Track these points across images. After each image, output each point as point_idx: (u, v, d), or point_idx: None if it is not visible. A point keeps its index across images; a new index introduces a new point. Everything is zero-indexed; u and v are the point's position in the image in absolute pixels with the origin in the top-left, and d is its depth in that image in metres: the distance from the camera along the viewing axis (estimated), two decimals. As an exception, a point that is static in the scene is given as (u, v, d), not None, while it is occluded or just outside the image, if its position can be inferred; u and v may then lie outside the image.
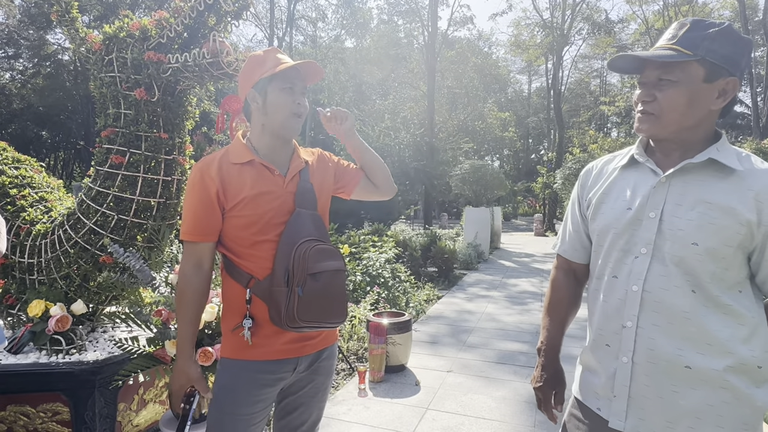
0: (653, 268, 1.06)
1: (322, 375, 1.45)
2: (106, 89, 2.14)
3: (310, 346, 1.39)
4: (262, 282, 1.30)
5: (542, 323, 1.36)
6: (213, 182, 1.29)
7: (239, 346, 1.32)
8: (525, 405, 3.26)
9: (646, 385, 1.07)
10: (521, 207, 36.24)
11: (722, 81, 1.05)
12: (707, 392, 1.02)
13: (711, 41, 1.03)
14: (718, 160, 1.05)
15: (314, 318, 1.27)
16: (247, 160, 1.34)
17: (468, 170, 14.23)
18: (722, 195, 1.03)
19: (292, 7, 27.46)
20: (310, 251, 1.27)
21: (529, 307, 6.42)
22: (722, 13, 27.81)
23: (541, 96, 39.48)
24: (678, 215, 1.05)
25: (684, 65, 1.04)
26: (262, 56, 1.36)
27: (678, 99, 1.05)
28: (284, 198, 1.34)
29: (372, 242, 7.02)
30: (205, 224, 1.31)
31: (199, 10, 1.96)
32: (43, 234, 2.29)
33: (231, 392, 1.32)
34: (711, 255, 1.01)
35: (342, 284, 1.37)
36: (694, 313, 1.02)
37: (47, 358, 2.06)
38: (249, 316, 1.30)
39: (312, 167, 1.45)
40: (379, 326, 3.67)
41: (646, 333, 1.06)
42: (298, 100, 1.35)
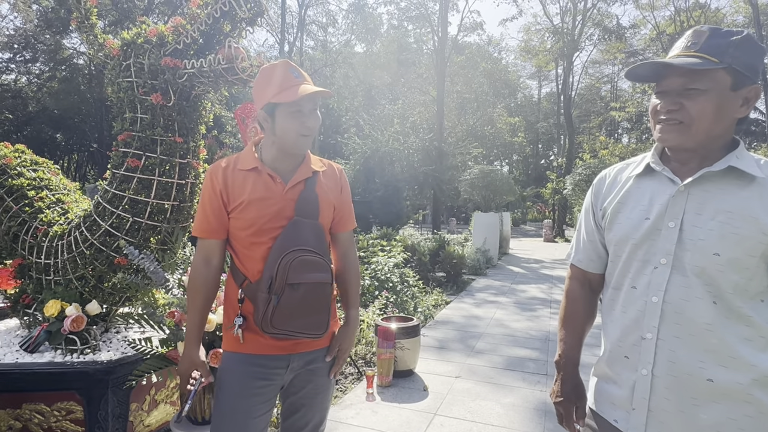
0: (673, 278, 1.04)
1: (321, 376, 1.48)
2: (123, 94, 2.18)
3: (303, 344, 1.42)
4: (252, 284, 1.37)
5: (559, 335, 1.32)
6: (218, 184, 1.40)
7: (234, 340, 1.40)
8: (534, 412, 3.23)
9: (666, 399, 1.05)
10: (530, 213, 36.04)
11: (746, 89, 1.04)
12: (729, 406, 1.00)
13: (736, 48, 1.01)
14: (738, 168, 1.02)
15: (288, 327, 1.31)
16: (252, 167, 1.41)
17: (477, 175, 14.21)
18: (744, 203, 1.00)
19: (303, 12, 27.72)
20: (294, 261, 1.30)
21: (538, 313, 6.37)
22: (735, 18, 27.54)
23: (551, 101, 39.34)
24: (698, 225, 1.03)
25: (712, 73, 1.02)
26: (271, 72, 1.39)
27: (708, 107, 1.02)
28: (283, 205, 1.38)
29: (380, 247, 7.03)
30: (212, 222, 1.40)
31: (215, 17, 1.99)
32: (60, 235, 2.34)
33: (226, 383, 1.40)
34: (733, 265, 0.99)
35: (325, 297, 1.37)
36: (716, 324, 1.00)
37: (62, 357, 2.10)
38: (240, 315, 1.38)
39: (320, 177, 1.48)
40: (388, 331, 3.68)
41: (666, 345, 1.04)
42: (307, 122, 1.37)
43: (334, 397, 3.40)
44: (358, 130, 17.58)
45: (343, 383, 3.67)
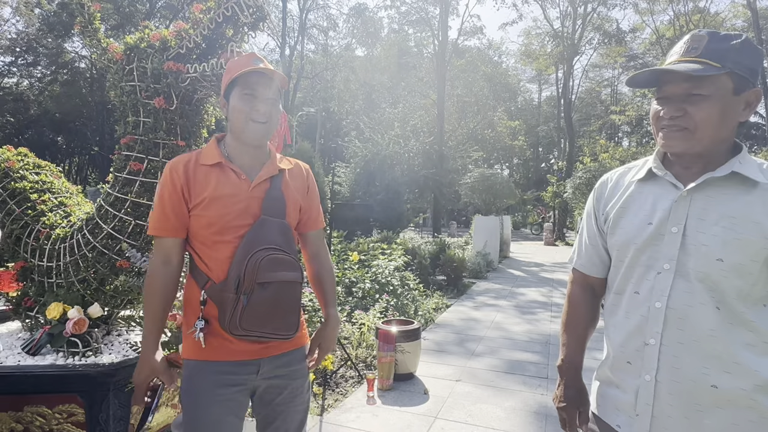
0: (677, 284, 1.04)
1: (297, 379, 1.44)
2: (126, 98, 2.19)
3: (272, 347, 1.36)
4: (217, 285, 1.30)
5: (561, 340, 1.31)
6: (179, 179, 1.33)
7: (196, 346, 1.32)
8: (534, 416, 3.23)
9: (670, 405, 1.05)
10: (531, 216, 36.04)
11: (747, 93, 1.04)
12: (733, 412, 1.00)
13: (737, 53, 1.01)
14: (741, 173, 1.02)
15: (257, 328, 1.26)
16: (215, 162, 1.36)
17: (477, 179, 14.23)
18: (747, 209, 1.00)
19: (303, 16, 27.84)
20: (263, 260, 1.25)
21: (539, 316, 6.37)
22: (734, 22, 27.62)
23: (551, 105, 39.40)
24: (702, 230, 1.02)
25: (714, 78, 1.01)
26: (235, 62, 1.38)
27: (712, 113, 1.02)
28: (248, 202, 1.34)
29: (381, 250, 7.03)
30: (172, 219, 1.34)
31: (217, 21, 2.01)
32: (62, 238, 2.35)
33: (193, 393, 1.33)
34: (737, 271, 0.99)
35: (295, 297, 1.33)
36: (720, 330, 1.00)
37: (64, 360, 2.10)
38: (202, 318, 1.30)
39: (286, 176, 1.44)
40: (388, 334, 3.68)
41: (670, 351, 1.04)
42: (257, 106, 1.33)
43: (335, 401, 3.40)
44: (359, 134, 17.61)
45: (344, 386, 3.67)
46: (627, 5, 27.03)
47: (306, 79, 30.91)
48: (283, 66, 27.20)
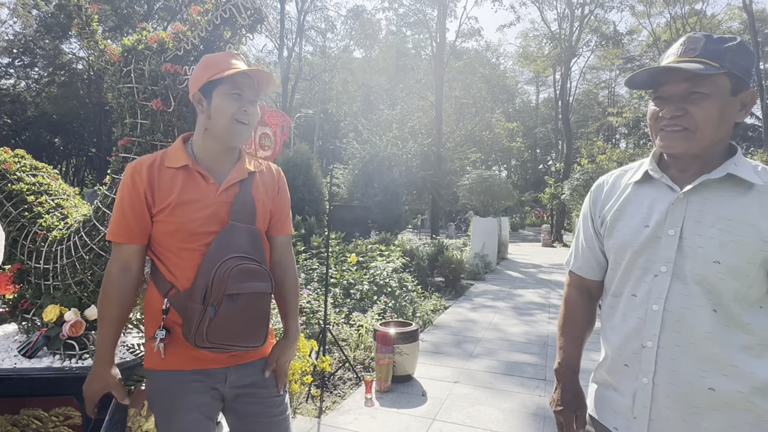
0: (674, 286, 1.04)
1: (271, 387, 1.39)
2: (123, 100, 2.19)
3: (239, 356, 1.32)
4: (181, 294, 1.25)
5: (558, 343, 1.31)
6: (142, 183, 1.26)
7: (160, 356, 1.27)
8: (532, 417, 3.23)
9: (667, 407, 1.05)
10: (529, 217, 36.10)
11: (744, 94, 1.04)
12: (731, 414, 1.00)
13: (734, 54, 1.01)
14: (737, 175, 1.02)
15: (224, 340, 1.21)
16: (181, 164, 1.29)
17: (475, 180, 14.24)
18: (743, 211, 1.00)
19: (301, 18, 27.87)
20: (232, 270, 1.20)
21: (536, 318, 6.38)
22: (730, 25, 27.78)
23: (548, 106, 39.52)
24: (698, 233, 1.03)
25: (714, 78, 1.02)
26: (214, 58, 1.33)
27: (712, 112, 1.02)
28: (215, 208, 1.28)
29: (379, 251, 7.03)
30: (133, 225, 1.27)
31: (215, 23, 2.01)
32: (59, 240, 2.34)
33: (163, 403, 1.29)
34: (734, 273, 0.99)
35: (264, 307, 1.28)
36: (716, 333, 1.00)
37: (61, 362, 2.09)
38: (163, 327, 1.24)
39: (257, 179, 1.38)
40: (386, 336, 3.68)
41: (667, 353, 1.04)
42: (244, 107, 1.29)
43: (333, 403, 3.39)
44: (357, 135, 17.62)
45: (342, 388, 3.67)
46: (624, 8, 27.14)
47: (304, 81, 30.92)
48: (281, 68, 27.21)
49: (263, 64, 1.96)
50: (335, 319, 4.87)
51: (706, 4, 27.28)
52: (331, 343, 4.28)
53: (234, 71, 1.27)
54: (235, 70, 1.27)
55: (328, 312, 4.59)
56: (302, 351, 2.86)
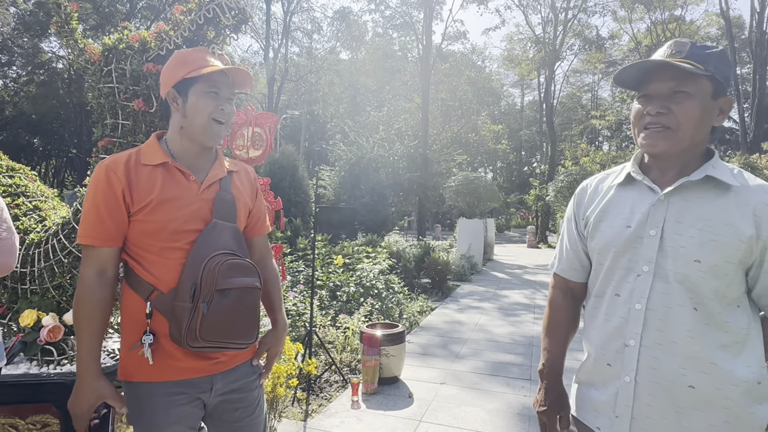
0: (656, 286, 1.06)
1: (252, 390, 1.37)
2: (104, 100, 2.15)
3: (224, 362, 1.29)
4: (165, 295, 1.20)
5: (542, 344, 1.32)
6: (119, 182, 1.20)
7: (140, 366, 1.21)
8: (518, 417, 3.26)
9: (649, 405, 1.06)
10: (514, 219, 36.43)
11: (722, 99, 1.08)
12: (709, 412, 1.02)
13: (716, 59, 1.05)
14: (715, 177, 1.05)
15: (218, 337, 1.18)
16: (159, 162, 1.25)
17: (461, 182, 14.32)
18: (722, 211, 1.03)
19: (288, 19, 27.74)
20: (221, 265, 1.17)
21: (522, 318, 6.43)
22: (709, 30, 28.51)
23: (533, 109, 40.00)
24: (679, 232, 1.05)
25: (698, 79, 1.04)
26: (188, 54, 1.29)
27: (694, 112, 1.05)
28: (198, 205, 1.25)
29: (366, 253, 7.02)
30: (110, 227, 1.20)
31: (198, 23, 1.98)
32: (37, 243, 2.28)
33: (145, 417, 1.23)
34: (714, 272, 1.01)
35: (254, 303, 1.26)
36: (697, 331, 1.02)
37: (38, 368, 2.04)
38: (149, 332, 1.19)
39: (234, 179, 1.37)
40: (373, 338, 3.67)
41: (649, 352, 1.06)
42: (221, 105, 1.27)
43: (319, 406, 3.37)
44: (344, 137, 17.59)
45: (328, 391, 3.65)
46: (606, 13, 27.63)
47: (290, 82, 30.76)
48: (267, 68, 27.03)
49: (248, 65, 1.94)
50: (321, 321, 4.85)
51: (685, 11, 27.88)
52: (317, 345, 4.26)
53: (211, 69, 1.24)
54: (213, 68, 1.24)
55: (314, 314, 4.57)
56: (288, 354, 2.83)
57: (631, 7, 27.17)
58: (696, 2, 26.98)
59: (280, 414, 3.02)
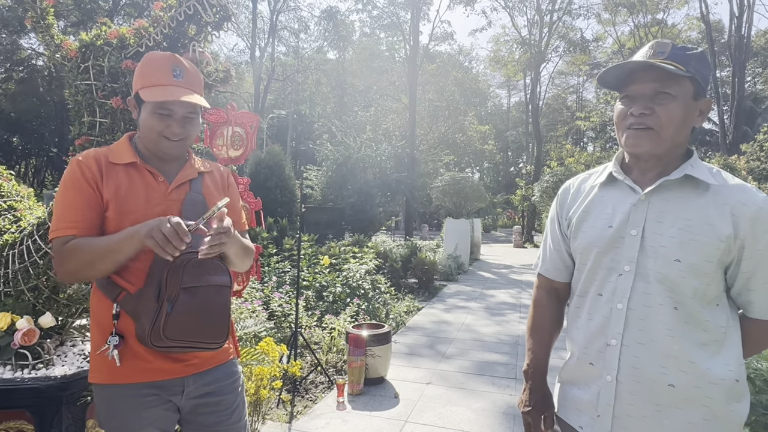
0: (637, 285, 1.07)
1: (229, 393, 1.34)
2: (81, 97, 2.10)
3: (196, 364, 1.27)
4: (132, 296, 1.19)
5: (527, 345, 1.32)
6: (92, 174, 1.21)
7: (109, 368, 1.19)
8: (503, 416, 3.27)
9: (630, 404, 1.07)
10: (501, 219, 36.72)
11: (702, 101, 1.09)
12: (689, 410, 1.03)
13: (697, 61, 1.06)
14: (694, 176, 1.06)
15: (184, 337, 1.15)
16: (129, 161, 1.25)
17: (448, 182, 14.39)
18: (701, 211, 1.04)
19: (274, 18, 27.54)
20: (188, 263, 1.15)
21: (508, 317, 6.48)
22: (690, 34, 29.11)
23: (519, 110, 40.39)
24: (659, 232, 1.06)
25: (680, 80, 1.05)
26: (149, 63, 1.26)
27: (677, 113, 1.05)
28: (167, 206, 1.25)
29: (352, 253, 6.99)
30: (88, 217, 1.19)
31: (179, 20, 1.95)
32: (11, 244, 2.22)
33: (116, 420, 1.21)
34: (694, 271, 1.02)
35: (224, 302, 1.23)
36: (677, 330, 1.03)
37: (12, 373, 1.97)
38: (115, 334, 1.18)
39: (206, 180, 1.36)
40: (359, 338, 3.65)
41: (630, 351, 1.06)
42: (173, 127, 1.24)
43: (304, 407, 3.34)
44: (331, 137, 17.54)
45: (314, 392, 3.62)
46: (590, 15, 28.03)
47: (277, 82, 30.55)
48: (253, 67, 26.81)
49: (234, 64, 1.91)
50: (307, 322, 4.81)
51: (667, 14, 28.52)
52: (302, 346, 4.23)
53: (155, 99, 1.21)
54: (160, 97, 1.21)
55: (300, 315, 4.53)
56: (272, 356, 2.80)
57: (615, 10, 27.61)
58: (677, 6, 27.55)
59: (264, 416, 2.99)
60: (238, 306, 3.91)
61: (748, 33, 22.14)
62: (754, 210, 1.01)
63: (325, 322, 4.80)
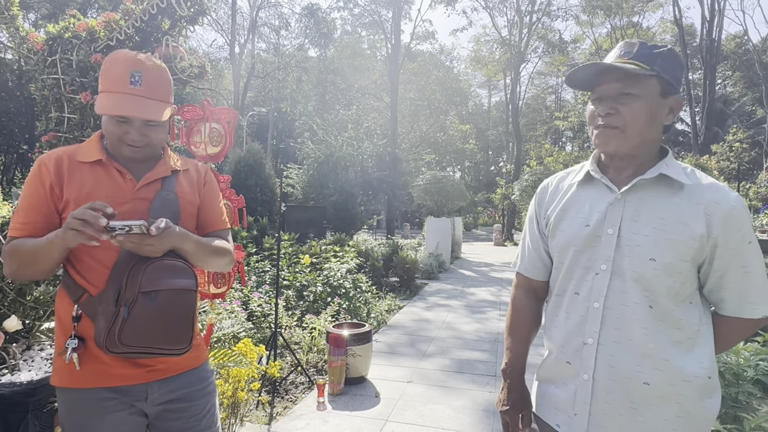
0: (613, 284, 1.08)
1: (199, 399, 1.31)
2: (48, 91, 2.03)
3: (160, 370, 1.24)
4: (94, 298, 1.16)
5: (505, 344, 1.33)
6: (49, 176, 1.19)
7: (70, 372, 1.17)
8: (483, 414, 3.30)
9: (606, 403, 1.08)
10: (481, 217, 37.05)
11: (671, 98, 1.10)
12: (663, 407, 1.05)
13: (663, 59, 1.07)
14: (669, 175, 1.08)
15: (142, 343, 1.11)
16: (94, 159, 1.22)
17: (430, 181, 14.46)
18: (675, 210, 1.05)
19: (254, 14, 27.16)
20: (149, 266, 1.11)
21: (488, 315, 6.54)
22: (664, 37, 29.90)
23: (500, 110, 40.83)
24: (635, 231, 1.07)
25: (644, 79, 1.07)
26: (112, 64, 1.21)
27: (641, 112, 1.07)
28: (133, 205, 1.21)
29: (333, 252, 6.95)
30: (38, 220, 1.17)
31: (151, 13, 1.90)
32: (-26, 245, 2.12)
33: (78, 425, 1.19)
34: (668, 270, 1.03)
35: (188, 306, 1.18)
36: (652, 329, 1.04)
37: (-26, 379, 1.90)
38: (74, 336, 1.16)
39: (180, 178, 1.32)
40: (339, 338, 3.63)
41: (606, 350, 1.08)
42: (132, 135, 1.20)
43: (284, 408, 3.30)
44: (312, 135, 17.41)
45: (294, 393, 3.58)
46: (569, 17, 28.48)
47: (257, 79, 30.16)
48: (232, 64, 26.39)
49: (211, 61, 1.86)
50: (288, 322, 4.76)
51: (643, 17, 29.26)
52: (282, 346, 4.18)
53: (105, 111, 1.17)
54: (109, 110, 1.17)
55: (280, 315, 4.48)
56: (250, 357, 2.76)
57: (593, 12, 28.14)
58: (652, 9, 28.25)
59: (242, 418, 2.94)
60: (215, 306, 3.84)
61: (719, 37, 22.84)
62: (726, 209, 1.03)
63: (306, 322, 4.76)
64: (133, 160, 1.26)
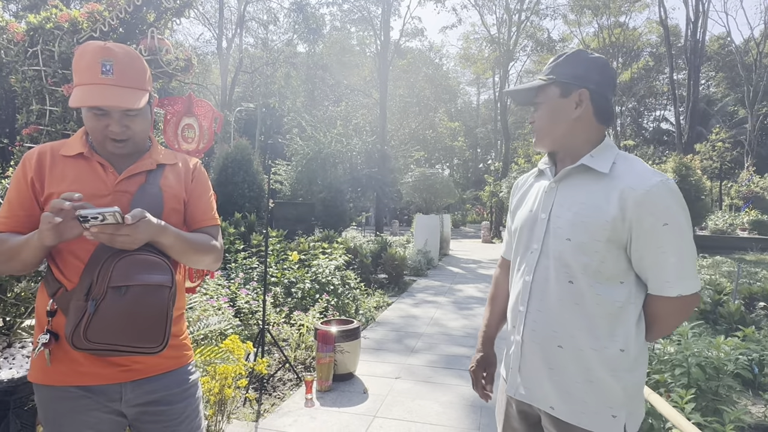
0: (541, 261, 1.24)
1: (179, 402, 1.28)
2: (29, 83, 1.98)
3: (136, 370, 1.20)
4: (68, 292, 1.14)
5: (484, 314, 1.54)
6: (30, 170, 1.19)
7: (44, 369, 1.16)
8: (470, 408, 3.32)
9: (531, 361, 1.26)
10: (470, 215, 37.26)
11: (575, 94, 1.22)
12: (575, 372, 1.18)
13: (559, 66, 1.25)
14: (588, 165, 1.20)
15: (108, 339, 1.07)
16: (76, 152, 1.21)
17: (419, 178, 14.47)
18: (592, 196, 1.18)
19: (242, 8, 26.84)
20: (119, 260, 1.08)
21: (475, 311, 6.58)
22: (650, 37, 30.28)
23: (488, 108, 40.96)
24: (559, 215, 1.23)
25: (543, 88, 1.27)
26: (81, 56, 1.18)
27: (543, 115, 1.27)
28: (113, 198, 1.19)
29: (322, 249, 6.93)
30: (20, 215, 1.17)
31: (136, 4, 1.86)
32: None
33: (55, 422, 1.18)
34: (582, 249, 1.16)
35: (161, 303, 1.13)
36: (569, 301, 1.18)
37: (-48, 378, 1.85)
38: (47, 331, 1.13)
39: (167, 172, 1.29)
40: (327, 334, 3.62)
41: (531, 316, 1.25)
42: (112, 127, 1.18)
43: (272, 405, 3.29)
44: (301, 131, 17.31)
45: (282, 390, 3.57)
46: (557, 16, 28.72)
47: (245, 74, 29.85)
48: (220, 59, 26.08)
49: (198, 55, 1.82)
50: (276, 319, 4.74)
51: (629, 18, 29.59)
52: (270, 343, 4.16)
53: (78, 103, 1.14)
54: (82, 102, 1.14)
55: (267, 312, 4.46)
56: (237, 354, 2.74)
57: (580, 12, 28.38)
58: (639, 10, 28.58)
59: (230, 416, 2.93)
60: (202, 303, 3.81)
61: (703, 38, 23.21)
62: (640, 193, 1.11)
63: (294, 319, 4.74)
64: (118, 155, 1.25)
